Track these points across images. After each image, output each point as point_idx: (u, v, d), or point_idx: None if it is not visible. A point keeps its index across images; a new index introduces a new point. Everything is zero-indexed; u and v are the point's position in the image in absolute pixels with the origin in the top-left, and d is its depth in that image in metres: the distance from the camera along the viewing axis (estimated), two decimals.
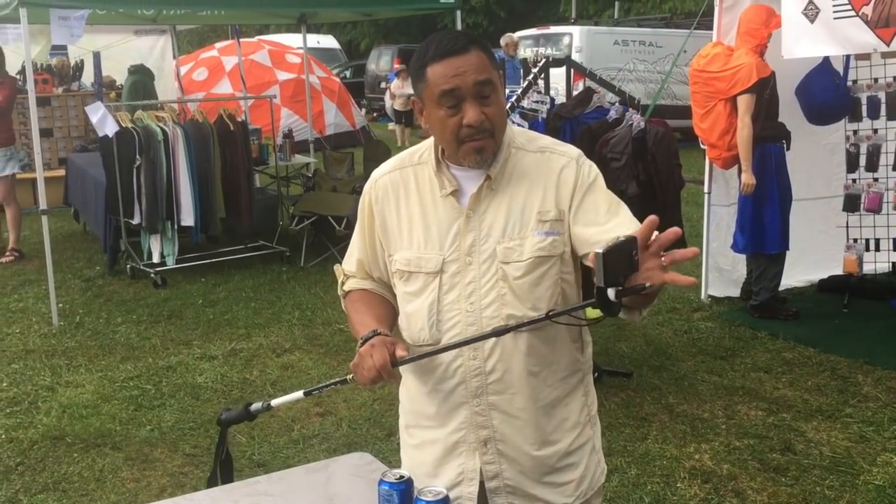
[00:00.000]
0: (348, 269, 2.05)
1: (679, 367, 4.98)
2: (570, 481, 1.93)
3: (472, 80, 1.73)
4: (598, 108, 4.75)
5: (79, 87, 11.59)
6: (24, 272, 7.54)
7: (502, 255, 1.81)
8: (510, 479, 1.90)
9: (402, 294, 1.92)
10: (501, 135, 1.83)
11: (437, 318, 1.85)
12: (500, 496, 1.91)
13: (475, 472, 1.90)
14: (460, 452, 1.91)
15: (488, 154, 1.80)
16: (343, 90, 15.93)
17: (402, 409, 2.05)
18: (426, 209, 1.88)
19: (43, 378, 5.09)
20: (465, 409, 1.88)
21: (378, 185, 1.95)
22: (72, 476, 3.91)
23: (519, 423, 1.87)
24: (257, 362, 5.29)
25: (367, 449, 3.74)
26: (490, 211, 1.83)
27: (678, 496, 3.60)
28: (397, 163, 1.97)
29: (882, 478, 3.71)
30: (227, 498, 1.99)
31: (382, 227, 1.93)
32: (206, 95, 12.72)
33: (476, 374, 1.85)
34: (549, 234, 1.82)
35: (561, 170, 1.85)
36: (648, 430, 4.19)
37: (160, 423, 4.44)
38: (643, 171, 4.51)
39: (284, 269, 7.50)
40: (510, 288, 1.81)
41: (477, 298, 1.82)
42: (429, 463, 1.95)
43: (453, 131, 1.77)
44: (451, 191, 1.85)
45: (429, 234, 1.86)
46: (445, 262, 1.84)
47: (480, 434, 1.88)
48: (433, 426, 1.94)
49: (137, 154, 6.90)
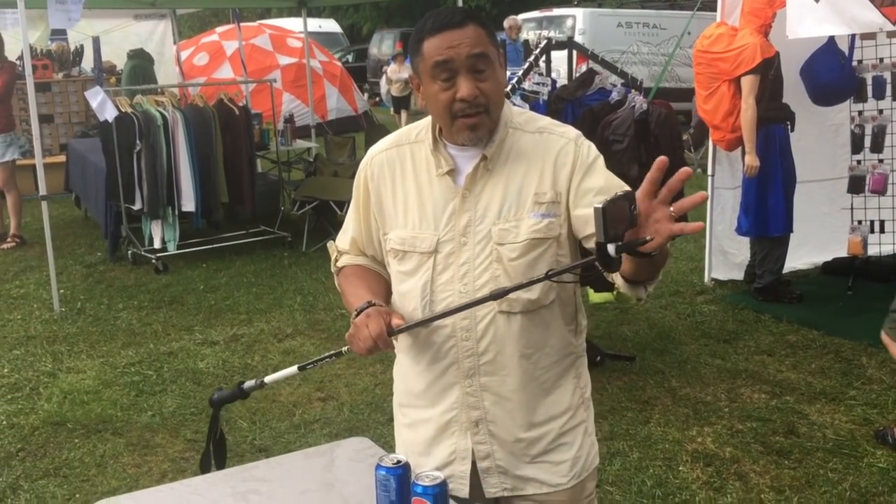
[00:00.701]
0: (342, 246, 2.04)
1: (682, 351, 4.96)
2: (563, 461, 1.92)
3: (466, 52, 1.71)
4: (601, 89, 4.70)
5: (79, 72, 11.55)
6: (26, 258, 7.53)
7: (497, 237, 1.79)
8: (501, 460, 1.89)
9: (395, 273, 1.91)
10: (497, 112, 1.79)
11: (431, 298, 1.83)
12: (491, 476, 1.90)
13: (467, 451, 1.89)
14: (452, 432, 1.90)
15: (482, 131, 1.77)
16: (345, 74, 15.87)
17: (396, 388, 2.05)
18: (422, 188, 1.85)
19: (44, 364, 5.08)
20: (457, 389, 1.87)
21: (374, 162, 1.93)
22: (73, 461, 3.91)
23: (510, 404, 1.86)
24: (259, 348, 5.28)
25: (369, 433, 3.73)
26: (486, 191, 1.81)
27: (680, 479, 3.59)
28: (394, 140, 1.94)
29: (886, 460, 3.69)
30: (224, 483, 1.97)
31: (378, 204, 1.91)
32: (207, 80, 12.68)
33: (469, 355, 1.84)
34: (546, 217, 1.79)
35: (559, 151, 1.82)
36: (651, 414, 4.17)
37: (161, 408, 4.44)
38: (646, 154, 4.46)
39: (286, 254, 7.48)
40: (504, 269, 1.79)
41: (471, 280, 1.80)
42: (421, 442, 1.94)
43: (446, 105, 1.74)
44: (447, 170, 1.82)
45: (424, 214, 1.84)
46: (440, 242, 1.82)
47: (472, 415, 1.87)
48: (425, 405, 1.93)
49: (137, 139, 6.87)
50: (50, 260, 6.05)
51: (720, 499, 3.45)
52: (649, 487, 3.52)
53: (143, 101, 7.15)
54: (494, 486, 1.90)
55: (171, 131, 6.96)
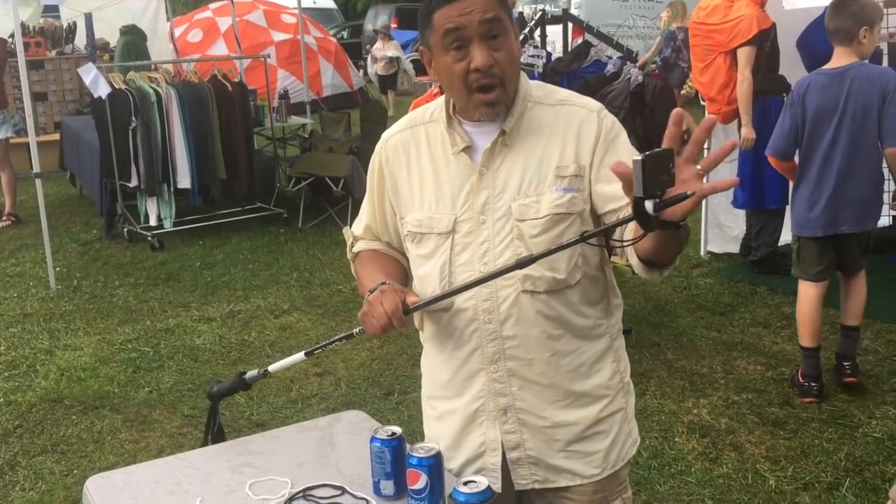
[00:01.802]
0: (357, 232, 1.99)
1: (678, 324, 4.97)
2: (597, 451, 1.83)
3: (479, 17, 1.64)
4: (596, 62, 4.68)
5: (72, 49, 11.46)
6: (21, 236, 7.51)
7: (518, 213, 1.72)
8: (532, 450, 1.81)
9: (414, 257, 1.84)
10: (513, 86, 1.73)
11: (450, 280, 1.76)
12: (522, 467, 1.82)
13: (496, 441, 1.81)
14: (481, 422, 1.83)
15: (500, 107, 1.71)
16: (340, 51, 15.74)
17: (424, 380, 1.98)
18: (438, 167, 1.79)
19: (41, 341, 5.08)
20: (482, 376, 1.79)
21: (388, 145, 1.87)
22: (70, 438, 3.92)
23: (539, 388, 1.78)
24: (255, 324, 5.28)
25: (366, 408, 3.74)
26: (504, 167, 1.74)
27: (676, 450, 3.61)
28: (408, 121, 1.88)
29: (880, 430, 3.71)
30: (220, 457, 1.98)
31: (394, 188, 1.85)
32: (201, 57, 12.59)
33: (492, 339, 1.76)
34: (568, 191, 1.72)
35: (581, 122, 1.75)
36: (647, 386, 4.19)
37: (158, 384, 4.45)
38: (641, 126, 4.45)
39: (282, 230, 7.47)
40: (527, 247, 1.71)
41: (491, 258, 1.73)
42: (450, 435, 1.87)
43: (461, 77, 1.68)
44: (463, 147, 1.76)
45: (441, 194, 1.77)
46: (457, 221, 1.75)
47: (499, 402, 1.79)
48: (451, 396, 1.86)
49: (132, 116, 6.83)
50: (45, 238, 6.03)
51: (716, 469, 3.47)
52: (645, 459, 3.54)
53: (136, 77, 7.10)
54: (524, 477, 1.82)
55: (165, 108, 6.92)
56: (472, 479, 1.54)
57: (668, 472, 3.45)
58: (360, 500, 1.73)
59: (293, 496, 1.76)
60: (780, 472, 3.43)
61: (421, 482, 1.64)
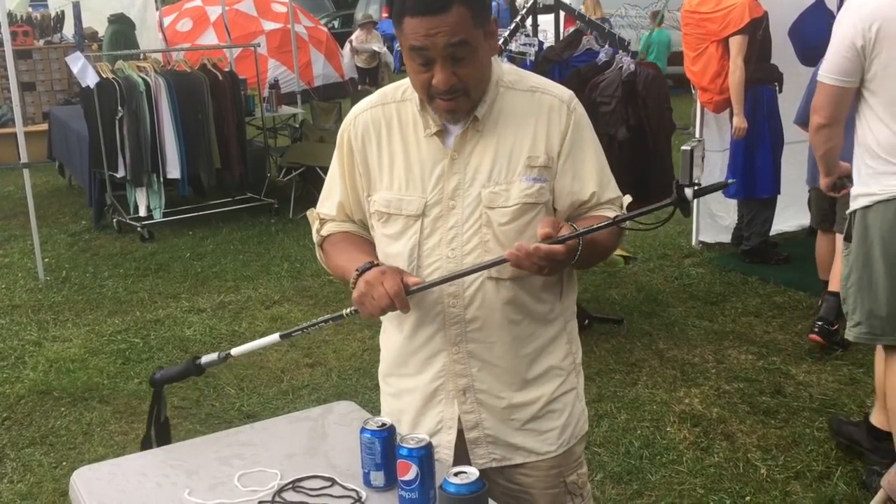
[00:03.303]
0: (325, 213, 1.94)
1: (670, 313, 4.97)
2: (552, 429, 1.88)
3: (444, 42, 1.61)
4: (588, 50, 4.65)
5: (61, 39, 11.38)
6: (9, 227, 7.46)
7: (487, 200, 1.74)
8: (490, 429, 1.85)
9: (380, 236, 1.85)
10: (479, 91, 1.73)
11: (418, 262, 1.78)
12: (480, 447, 1.86)
13: (453, 419, 1.85)
14: (439, 400, 1.86)
15: (461, 114, 1.73)
16: (331, 40, 15.66)
17: (382, 357, 2.00)
18: (409, 148, 1.79)
19: (29, 333, 5.05)
20: (443, 356, 1.83)
21: (358, 121, 1.86)
22: (59, 430, 3.90)
23: (498, 370, 1.83)
24: (246, 315, 5.26)
25: (357, 399, 3.72)
26: (476, 153, 1.76)
27: (668, 440, 3.60)
28: (379, 98, 1.87)
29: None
30: (208, 448, 1.96)
31: (363, 164, 1.84)
32: (191, 46, 12.51)
33: (455, 322, 1.79)
34: (537, 181, 1.75)
35: (551, 113, 1.77)
36: (639, 376, 4.19)
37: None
38: (633, 115, 4.43)
39: (273, 221, 7.43)
40: (494, 234, 1.75)
41: (459, 244, 1.76)
42: (408, 411, 1.91)
43: (423, 87, 1.69)
44: (436, 131, 1.77)
45: (411, 175, 1.78)
46: (427, 205, 1.77)
47: (459, 382, 1.83)
48: (411, 374, 1.89)
49: (119, 105, 6.78)
50: (34, 228, 5.99)
51: (707, 458, 3.47)
52: (637, 448, 3.54)
53: (124, 66, 7.05)
54: (483, 456, 1.87)
55: (153, 97, 6.86)
56: (464, 470, 1.53)
57: (659, 462, 3.45)
58: (350, 492, 1.72)
59: (282, 488, 1.74)
60: (771, 461, 3.43)
61: (411, 473, 1.62)
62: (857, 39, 2.84)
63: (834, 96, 2.98)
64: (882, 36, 2.79)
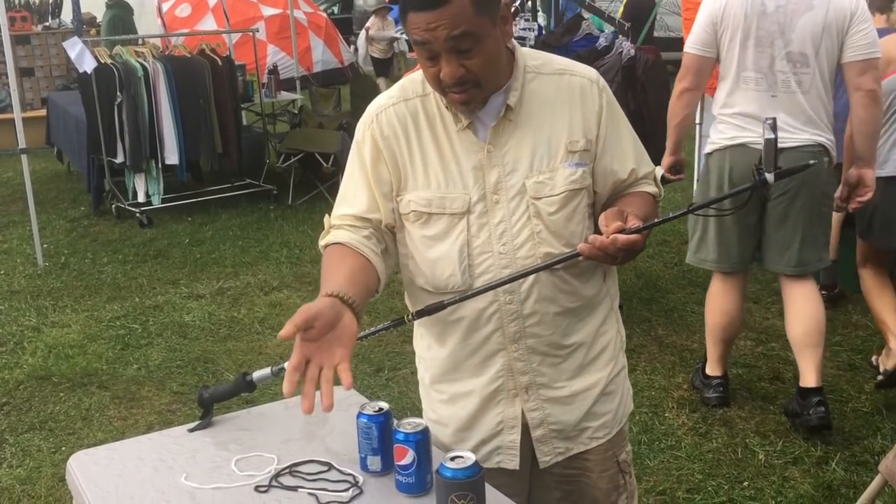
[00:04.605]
0: (337, 219, 1.80)
1: (669, 300, 4.97)
2: (609, 411, 1.86)
3: (445, 35, 1.54)
4: (587, 35, 4.63)
5: (59, 24, 11.34)
6: (8, 213, 7.45)
7: (533, 191, 1.69)
8: (555, 424, 1.81)
9: (419, 239, 1.76)
10: (492, 81, 1.67)
11: (469, 262, 1.72)
12: (546, 444, 1.83)
13: (516, 419, 1.80)
14: (499, 401, 1.81)
15: (476, 104, 1.67)
16: (330, 26, 15.59)
17: (425, 363, 1.91)
18: (440, 144, 1.72)
19: (28, 318, 5.05)
20: (502, 355, 1.77)
21: (382, 119, 1.75)
22: (58, 415, 3.90)
23: (558, 360, 1.79)
24: (245, 300, 5.25)
25: (356, 384, 3.71)
26: (512, 144, 1.70)
27: (666, 425, 3.61)
28: (400, 93, 1.78)
29: (870, 404, 3.72)
30: (205, 433, 1.95)
31: (392, 163, 1.74)
32: (190, 32, 12.46)
33: (514, 319, 1.74)
34: (580, 166, 1.71)
35: (584, 94, 1.73)
36: (638, 362, 4.18)
37: (147, 361, 4.42)
38: (633, 101, 4.41)
39: (272, 207, 7.42)
40: (545, 225, 1.70)
41: (509, 238, 1.70)
42: (463, 417, 1.85)
43: (433, 80, 1.64)
44: (468, 124, 1.70)
45: (448, 172, 1.71)
46: (472, 201, 1.71)
47: (521, 380, 1.78)
48: (466, 377, 1.82)
49: (118, 91, 6.75)
50: (32, 214, 5.98)
51: (706, 444, 3.47)
52: (635, 434, 3.54)
53: (122, 51, 7.02)
54: (548, 453, 1.83)
55: (152, 83, 6.84)
56: (460, 455, 1.52)
57: (657, 447, 3.45)
58: (347, 476, 1.72)
59: (279, 472, 1.74)
60: (769, 447, 3.43)
61: (408, 458, 1.62)
62: (714, 17, 3.39)
63: (696, 65, 3.48)
64: (727, 15, 3.36)
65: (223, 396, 1.96)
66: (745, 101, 3.39)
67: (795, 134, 3.34)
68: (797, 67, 3.33)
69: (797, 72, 3.33)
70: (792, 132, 3.32)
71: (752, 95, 3.38)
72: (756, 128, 3.31)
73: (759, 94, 3.37)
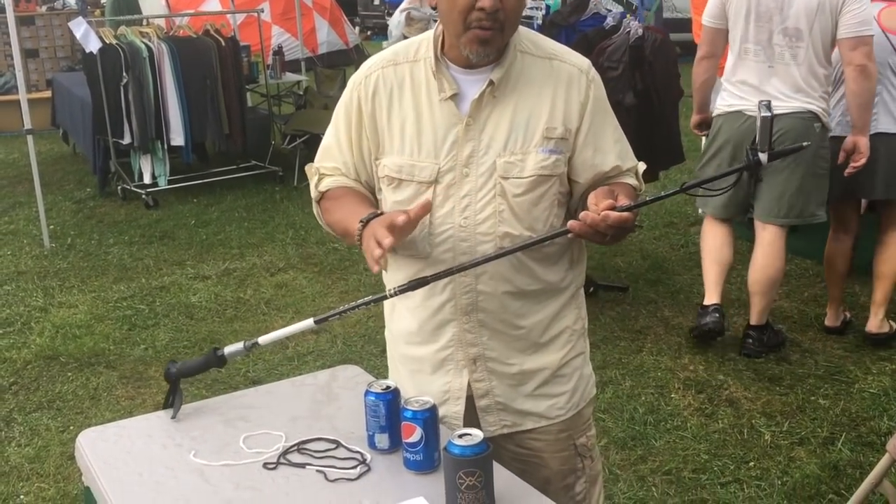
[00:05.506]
0: (326, 168, 1.87)
1: (675, 281, 4.96)
2: (562, 393, 1.88)
3: None
4: (595, 14, 4.60)
5: (63, 5, 11.30)
6: (14, 194, 7.45)
7: (502, 170, 1.71)
8: (500, 396, 1.84)
9: (390, 203, 1.80)
10: (511, 33, 1.69)
11: (430, 230, 1.74)
12: (490, 414, 1.85)
13: (462, 390, 1.84)
14: (447, 370, 1.84)
15: (492, 49, 1.66)
16: (335, 6, 15.47)
17: (388, 326, 1.98)
18: (421, 112, 1.74)
19: (35, 299, 5.06)
20: (453, 326, 1.80)
21: (369, 81, 1.78)
22: (66, 395, 3.92)
23: (509, 338, 1.81)
24: (251, 282, 5.26)
25: (362, 365, 3.72)
26: (492, 120, 1.71)
27: (672, 406, 3.61)
28: (391, 57, 1.79)
29: (877, 386, 3.72)
30: (213, 410, 1.96)
31: (371, 126, 1.78)
32: (194, 12, 12.40)
33: (467, 292, 1.77)
34: (553, 153, 1.72)
35: (570, 83, 1.73)
36: (643, 343, 4.19)
37: (154, 342, 4.43)
38: (640, 81, 4.38)
39: (277, 188, 7.41)
40: (509, 205, 1.71)
41: (472, 213, 1.72)
42: (412, 380, 1.89)
43: (462, 12, 1.62)
44: (451, 94, 1.71)
45: (423, 140, 1.73)
46: (441, 171, 1.72)
47: (469, 352, 1.81)
48: (418, 343, 1.87)
49: (123, 71, 6.73)
50: (38, 196, 5.99)
51: (711, 424, 3.47)
52: (641, 414, 3.54)
53: (127, 32, 6.99)
54: (493, 424, 1.85)
55: (156, 64, 6.82)
56: (468, 432, 1.53)
57: (663, 428, 3.46)
58: (354, 454, 1.72)
59: (287, 450, 1.75)
60: (775, 427, 3.43)
61: (416, 435, 1.62)
62: None
63: (709, 35, 3.92)
64: None
65: (192, 371, 1.93)
66: (746, 70, 3.78)
67: (788, 102, 3.68)
68: (792, 41, 3.67)
69: (792, 45, 3.67)
70: (785, 100, 3.67)
71: (752, 66, 3.76)
72: (752, 97, 3.68)
73: (758, 64, 3.75)
